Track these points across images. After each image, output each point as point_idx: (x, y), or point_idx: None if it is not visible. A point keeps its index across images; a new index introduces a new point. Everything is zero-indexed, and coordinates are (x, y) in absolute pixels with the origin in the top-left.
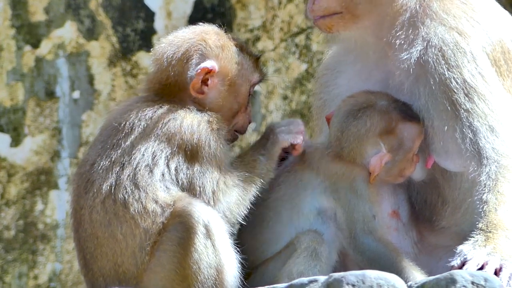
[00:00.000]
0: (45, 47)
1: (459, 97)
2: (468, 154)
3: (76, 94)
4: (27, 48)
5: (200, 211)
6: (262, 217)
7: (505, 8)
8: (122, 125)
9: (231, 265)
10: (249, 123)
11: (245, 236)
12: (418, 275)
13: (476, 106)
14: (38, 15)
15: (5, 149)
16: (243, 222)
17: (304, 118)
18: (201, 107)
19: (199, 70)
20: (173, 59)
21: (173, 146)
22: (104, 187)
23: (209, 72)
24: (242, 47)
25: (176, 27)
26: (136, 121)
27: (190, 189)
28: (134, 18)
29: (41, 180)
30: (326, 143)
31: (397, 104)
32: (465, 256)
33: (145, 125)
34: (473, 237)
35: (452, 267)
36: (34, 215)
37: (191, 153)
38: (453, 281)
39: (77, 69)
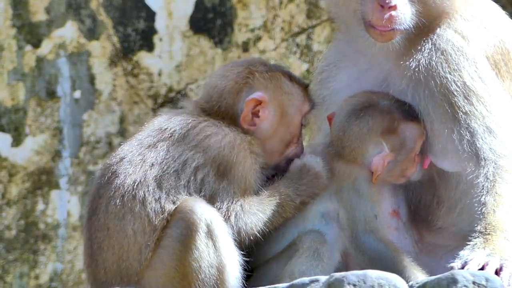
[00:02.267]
0: (46, 47)
1: (459, 100)
2: (466, 155)
3: (77, 94)
4: (28, 48)
5: (203, 209)
6: None
7: (505, 8)
8: (164, 129)
9: (233, 265)
10: (302, 152)
11: None
12: (419, 275)
13: (475, 108)
14: (39, 15)
15: (6, 149)
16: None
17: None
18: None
19: (247, 101)
20: (224, 91)
21: (208, 158)
22: (128, 181)
23: (259, 103)
24: (291, 77)
25: (177, 27)
26: (178, 129)
27: (209, 200)
28: (135, 18)
29: (42, 180)
30: (327, 143)
31: (399, 104)
32: (465, 259)
33: (186, 134)
34: (472, 240)
35: (453, 269)
36: (35, 215)
37: (224, 169)
38: (454, 281)
39: (78, 69)
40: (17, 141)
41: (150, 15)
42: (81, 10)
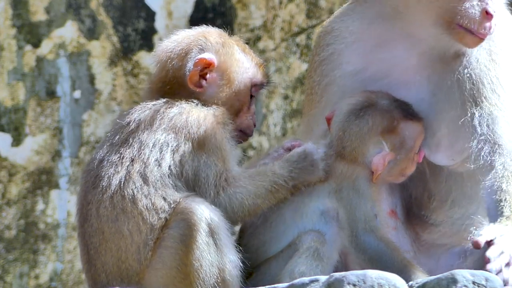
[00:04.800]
0: (46, 47)
1: (487, 91)
2: (483, 138)
3: (77, 94)
4: (28, 47)
5: (203, 209)
6: (264, 217)
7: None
8: (128, 122)
9: (233, 264)
10: (254, 126)
11: (247, 235)
12: (419, 275)
13: (501, 101)
14: (39, 15)
15: (6, 149)
16: (246, 222)
17: None
18: (204, 102)
19: (196, 60)
20: (173, 53)
21: (180, 139)
22: (113, 182)
23: (208, 66)
24: (245, 48)
25: (177, 27)
26: (142, 117)
27: (195, 180)
28: (135, 17)
29: (42, 180)
30: (328, 142)
31: (398, 103)
32: (492, 237)
33: (151, 120)
34: (494, 223)
35: (475, 242)
36: (35, 214)
37: (198, 145)
38: (454, 280)
39: (78, 68)
40: (17, 141)
41: (150, 15)
42: (81, 10)
